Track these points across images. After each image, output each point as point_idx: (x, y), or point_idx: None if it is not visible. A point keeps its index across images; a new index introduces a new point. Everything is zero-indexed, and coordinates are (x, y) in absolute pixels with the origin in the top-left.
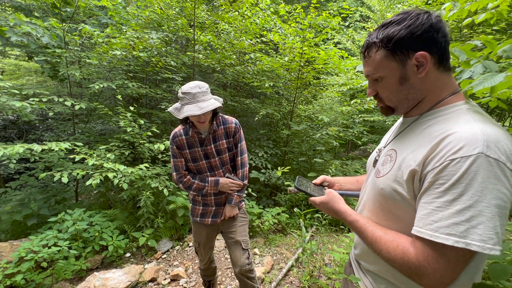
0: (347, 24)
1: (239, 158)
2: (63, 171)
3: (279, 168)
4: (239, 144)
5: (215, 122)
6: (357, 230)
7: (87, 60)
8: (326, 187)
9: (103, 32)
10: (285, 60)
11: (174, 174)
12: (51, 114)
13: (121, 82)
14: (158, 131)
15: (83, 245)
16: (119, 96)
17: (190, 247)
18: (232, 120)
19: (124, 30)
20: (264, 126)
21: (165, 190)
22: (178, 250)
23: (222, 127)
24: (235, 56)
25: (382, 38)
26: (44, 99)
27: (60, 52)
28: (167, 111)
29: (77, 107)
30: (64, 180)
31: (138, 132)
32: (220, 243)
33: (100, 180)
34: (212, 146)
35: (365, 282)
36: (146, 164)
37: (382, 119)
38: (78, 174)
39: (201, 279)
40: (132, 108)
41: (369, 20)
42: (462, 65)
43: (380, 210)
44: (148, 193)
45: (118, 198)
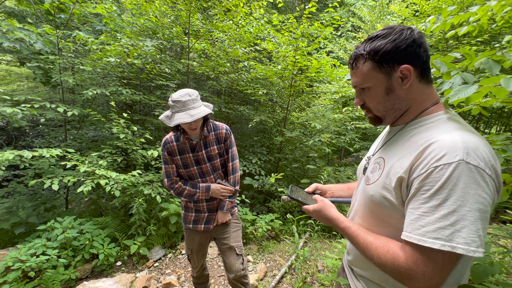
0: (339, 33)
1: (230, 163)
2: (54, 178)
3: (273, 174)
4: (230, 150)
5: (206, 128)
6: (349, 236)
7: (81, 67)
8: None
9: (97, 39)
10: (278, 68)
11: (166, 180)
12: (42, 120)
13: (115, 88)
14: (152, 138)
15: (73, 253)
16: (113, 103)
17: (182, 255)
18: (223, 126)
19: (119, 38)
20: (257, 133)
21: (158, 197)
22: (170, 258)
23: (213, 133)
24: (229, 64)
25: (369, 51)
26: (36, 105)
27: (54, 58)
28: (160, 117)
29: (69, 113)
30: (55, 187)
31: (131, 139)
32: (213, 250)
33: (92, 187)
34: (203, 152)
35: (358, 287)
36: (139, 171)
37: (373, 126)
38: (69, 181)
39: (193, 287)
40: (125, 114)
41: (360, 30)
42: (444, 76)
43: (371, 216)
44: (140, 200)
45: (109, 206)
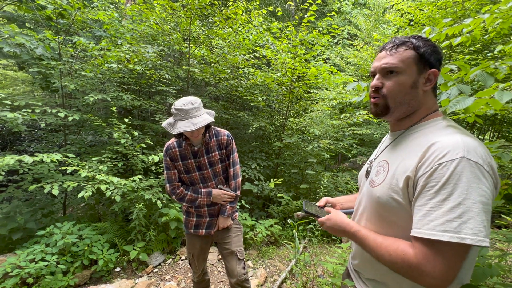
0: (335, 41)
1: (232, 169)
2: (54, 183)
3: (272, 180)
4: (231, 156)
5: (208, 135)
6: (359, 239)
7: (82, 72)
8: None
9: (97, 44)
10: (277, 75)
11: (167, 185)
12: (43, 125)
13: (115, 94)
14: (152, 143)
15: (71, 259)
16: (114, 108)
17: (182, 260)
18: (225, 132)
19: (120, 44)
20: (256, 138)
21: (158, 202)
22: (170, 263)
23: (215, 139)
24: (229, 70)
25: (415, 43)
26: (37, 110)
27: (55, 64)
28: (161, 125)
29: (70, 118)
30: (55, 192)
31: (131, 144)
32: (212, 256)
33: (92, 192)
34: (205, 157)
35: (361, 284)
36: (140, 176)
37: (370, 132)
38: (69, 186)
39: None
40: (126, 120)
41: (356, 38)
42: (441, 87)
43: (378, 219)
44: (140, 205)
45: (108, 211)
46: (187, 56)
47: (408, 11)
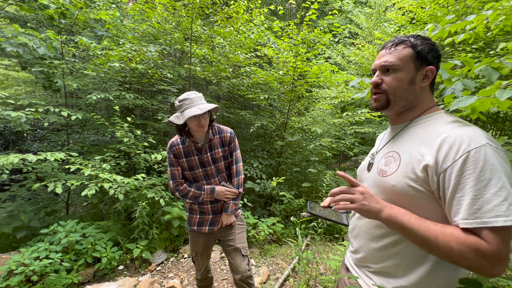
0: (336, 40)
1: (234, 166)
2: (57, 182)
3: (274, 178)
4: (234, 153)
5: (211, 132)
6: (405, 226)
7: (85, 72)
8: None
9: (99, 44)
10: (279, 73)
11: (171, 182)
12: (46, 124)
13: (118, 93)
14: (154, 142)
15: (75, 257)
16: (116, 107)
17: (185, 258)
18: (228, 130)
19: (122, 43)
20: (258, 137)
21: (161, 200)
22: (173, 261)
23: (218, 136)
24: (231, 69)
25: (413, 42)
26: (40, 109)
27: (58, 63)
28: (167, 120)
29: (73, 117)
30: (59, 190)
31: (134, 143)
32: (215, 254)
33: (96, 190)
34: (208, 154)
35: (368, 283)
36: (143, 175)
37: (372, 131)
38: (72, 184)
39: None
40: (129, 118)
41: (357, 37)
42: (445, 82)
43: None
44: (144, 203)
45: (111, 210)
46: (189, 55)
47: (409, 9)
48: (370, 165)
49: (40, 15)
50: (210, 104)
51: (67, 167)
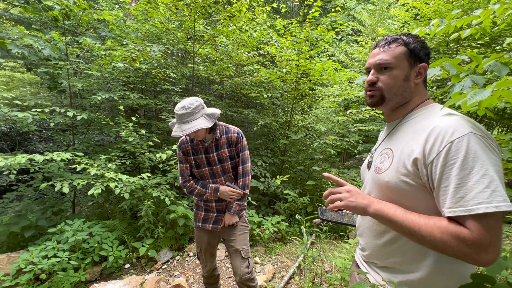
0: (339, 37)
1: (241, 167)
2: (64, 181)
3: (278, 177)
4: (241, 153)
5: (218, 132)
6: (391, 219)
7: (89, 72)
8: (344, 210)
9: (103, 44)
10: (282, 72)
11: (180, 178)
12: (52, 125)
13: (122, 93)
14: (159, 141)
15: (82, 256)
16: (121, 107)
17: (190, 257)
18: (235, 130)
19: (125, 43)
20: (261, 135)
21: (166, 199)
22: (178, 260)
23: (225, 136)
24: (234, 68)
25: (405, 40)
26: (46, 110)
27: (62, 64)
28: (167, 124)
29: (79, 117)
30: (65, 190)
31: (138, 142)
32: (220, 252)
33: (102, 189)
34: (214, 154)
35: (377, 279)
36: (148, 174)
37: (376, 129)
38: (78, 184)
39: None
40: (134, 118)
41: (360, 34)
42: (452, 78)
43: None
44: (149, 202)
45: (117, 209)
46: (192, 54)
47: (413, 5)
48: (370, 163)
49: (44, 16)
50: (194, 125)
51: (73, 167)
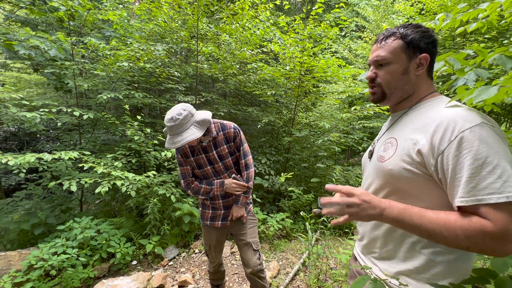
0: (343, 34)
1: (243, 160)
2: (71, 180)
3: (282, 174)
4: (241, 147)
5: (214, 130)
6: (407, 224)
7: (95, 72)
8: None
9: (108, 44)
10: (285, 69)
11: (182, 181)
12: (59, 124)
13: (127, 92)
14: (164, 139)
15: (90, 253)
16: (126, 106)
17: (196, 253)
18: (231, 125)
19: (129, 43)
20: (265, 133)
21: (172, 197)
22: (184, 257)
23: (222, 133)
24: (237, 66)
25: (402, 32)
26: (53, 110)
27: (68, 64)
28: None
29: (85, 117)
30: (73, 188)
31: (144, 141)
32: (226, 249)
33: (109, 187)
34: (214, 152)
35: (380, 266)
36: (153, 172)
37: (381, 125)
38: (86, 182)
39: (209, 284)
40: (139, 117)
41: (364, 30)
42: (457, 73)
43: (395, 193)
44: (155, 200)
45: (123, 207)
46: (195, 53)
47: None
48: (371, 153)
49: (50, 17)
50: (184, 137)
51: (80, 165)
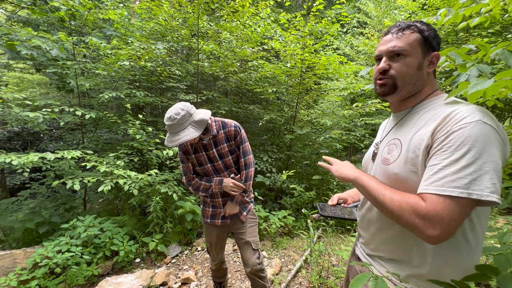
0: (345, 30)
1: (243, 159)
2: (75, 179)
3: (284, 172)
4: (241, 146)
5: (215, 128)
6: (361, 183)
7: (96, 71)
8: (342, 204)
9: (109, 43)
10: (287, 66)
11: (184, 178)
12: (61, 124)
13: (128, 91)
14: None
15: (94, 251)
16: (128, 105)
17: (198, 251)
18: (232, 124)
19: (130, 42)
20: (267, 131)
21: (174, 195)
22: (187, 254)
23: (222, 131)
24: (238, 63)
25: (419, 27)
26: (56, 109)
27: (70, 64)
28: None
29: (87, 116)
30: (76, 187)
31: (146, 140)
32: (228, 246)
33: (112, 186)
34: (214, 150)
35: (389, 268)
36: (155, 170)
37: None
38: (89, 181)
39: (211, 281)
40: (141, 116)
41: (366, 26)
42: (459, 68)
43: None
44: (157, 198)
45: (126, 205)
46: (196, 51)
47: None
48: (375, 155)
49: (51, 17)
50: (182, 136)
51: (83, 164)
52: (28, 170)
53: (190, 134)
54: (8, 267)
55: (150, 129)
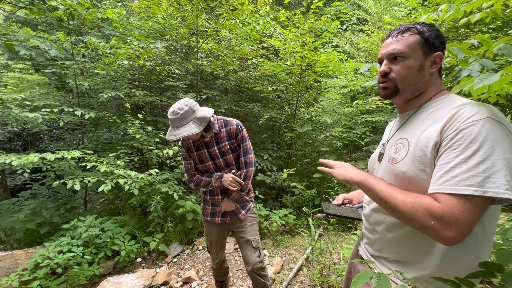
0: (344, 27)
1: (243, 158)
2: (75, 179)
3: (285, 170)
4: (242, 145)
5: (217, 126)
6: (368, 185)
7: (95, 71)
8: (348, 204)
9: (107, 43)
10: (286, 64)
11: (185, 175)
12: (61, 124)
13: (128, 91)
14: (165, 137)
15: (95, 251)
16: (127, 105)
17: (199, 250)
18: (233, 122)
19: (129, 41)
20: (267, 129)
21: (175, 194)
22: (188, 253)
23: (224, 129)
24: (238, 62)
25: (419, 28)
26: (55, 110)
27: (69, 64)
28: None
29: (87, 116)
30: (77, 187)
31: (145, 139)
32: (229, 245)
33: (112, 186)
34: (216, 148)
35: (394, 269)
36: (156, 170)
37: (383, 120)
38: (89, 181)
39: (213, 280)
40: (140, 115)
41: (366, 23)
42: (461, 63)
43: None
44: (158, 198)
45: (127, 205)
46: (195, 50)
47: None
48: (381, 155)
49: (49, 17)
50: (182, 131)
51: (83, 164)
52: (29, 171)
53: (190, 129)
54: (9, 267)
55: (150, 128)
